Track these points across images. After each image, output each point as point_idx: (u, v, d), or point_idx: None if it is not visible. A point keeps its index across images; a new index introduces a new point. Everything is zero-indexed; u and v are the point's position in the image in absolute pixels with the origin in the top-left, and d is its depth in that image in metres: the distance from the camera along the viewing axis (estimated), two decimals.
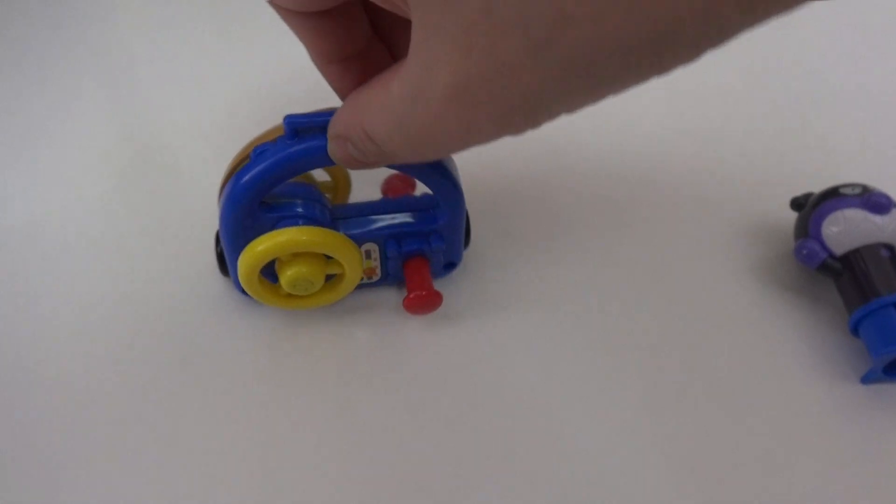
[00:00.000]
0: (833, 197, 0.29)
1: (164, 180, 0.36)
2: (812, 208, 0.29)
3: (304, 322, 0.29)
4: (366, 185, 0.31)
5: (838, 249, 0.28)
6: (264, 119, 0.27)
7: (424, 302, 0.27)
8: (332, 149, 0.23)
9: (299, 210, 0.26)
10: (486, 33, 0.15)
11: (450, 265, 0.30)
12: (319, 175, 0.30)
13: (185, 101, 0.40)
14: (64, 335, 0.29)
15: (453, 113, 0.17)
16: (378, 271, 0.29)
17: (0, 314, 0.30)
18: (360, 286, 0.29)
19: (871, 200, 0.28)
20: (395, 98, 0.19)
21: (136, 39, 0.45)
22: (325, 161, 0.25)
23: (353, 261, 0.26)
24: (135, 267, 0.31)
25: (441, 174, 0.26)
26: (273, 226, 0.26)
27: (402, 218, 0.28)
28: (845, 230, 0.28)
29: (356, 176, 0.31)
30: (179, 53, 0.43)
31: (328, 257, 0.27)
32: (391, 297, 0.30)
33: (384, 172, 0.31)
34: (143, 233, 0.33)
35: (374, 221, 0.28)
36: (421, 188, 0.31)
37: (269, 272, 0.27)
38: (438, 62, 0.16)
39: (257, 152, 0.25)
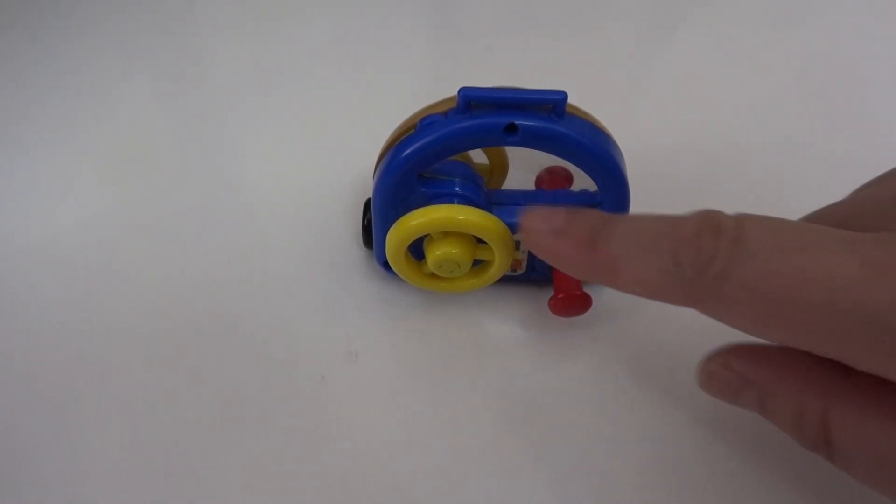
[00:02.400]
0: None
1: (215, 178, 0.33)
2: None
3: (437, 305, 0.28)
4: (519, 173, 0.30)
5: None
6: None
7: (574, 304, 0.25)
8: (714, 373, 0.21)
9: (457, 189, 0.25)
10: None
11: None
12: (476, 156, 0.29)
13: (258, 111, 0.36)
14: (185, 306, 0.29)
15: None
16: (524, 264, 0.27)
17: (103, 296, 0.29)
18: (501, 278, 0.28)
19: None
20: None
21: (211, 31, 0.41)
22: (496, 141, 0.23)
23: (505, 248, 0.25)
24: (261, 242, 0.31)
25: (617, 176, 0.24)
26: (427, 201, 0.25)
27: None
28: None
29: (511, 162, 0.30)
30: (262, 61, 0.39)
31: (479, 241, 0.25)
32: (530, 293, 0.29)
33: (541, 162, 0.29)
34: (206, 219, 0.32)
35: None
36: (579, 183, 0.29)
37: (415, 249, 0.26)
38: None
39: (425, 123, 0.24)
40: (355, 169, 0.31)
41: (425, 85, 0.38)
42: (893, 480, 0.17)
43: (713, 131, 0.36)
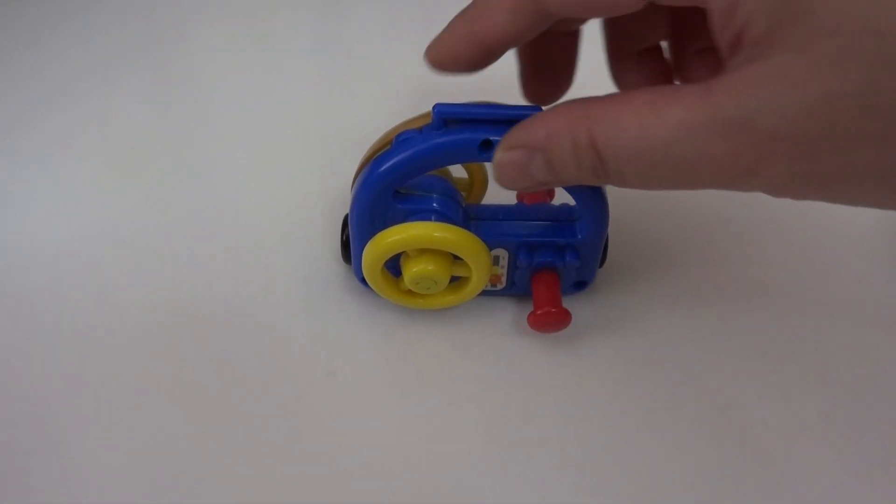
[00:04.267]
0: None
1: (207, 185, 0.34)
2: None
3: (416, 321, 0.28)
4: (501, 188, 0.30)
5: None
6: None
7: (552, 320, 0.25)
8: (509, 159, 0.21)
9: (434, 205, 0.25)
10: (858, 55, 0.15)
11: (580, 284, 0.28)
12: (456, 171, 0.29)
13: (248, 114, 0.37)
14: (172, 322, 0.28)
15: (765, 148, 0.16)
16: (503, 280, 0.27)
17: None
18: (481, 293, 0.28)
19: None
20: (670, 123, 0.17)
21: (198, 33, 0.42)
22: (472, 157, 0.23)
23: (482, 265, 0.25)
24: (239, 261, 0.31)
25: (595, 190, 0.24)
26: (405, 218, 0.25)
27: (538, 227, 0.26)
28: None
29: (491, 176, 0.29)
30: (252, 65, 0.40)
31: (457, 258, 0.25)
32: (510, 308, 0.28)
33: None
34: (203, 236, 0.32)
35: (509, 226, 0.26)
36: (559, 198, 0.29)
37: (393, 265, 0.26)
38: (794, 81, 0.16)
39: (400, 139, 0.24)
40: (335, 184, 0.31)
41: (403, 100, 0.37)
42: (655, 169, 0.18)
43: None
